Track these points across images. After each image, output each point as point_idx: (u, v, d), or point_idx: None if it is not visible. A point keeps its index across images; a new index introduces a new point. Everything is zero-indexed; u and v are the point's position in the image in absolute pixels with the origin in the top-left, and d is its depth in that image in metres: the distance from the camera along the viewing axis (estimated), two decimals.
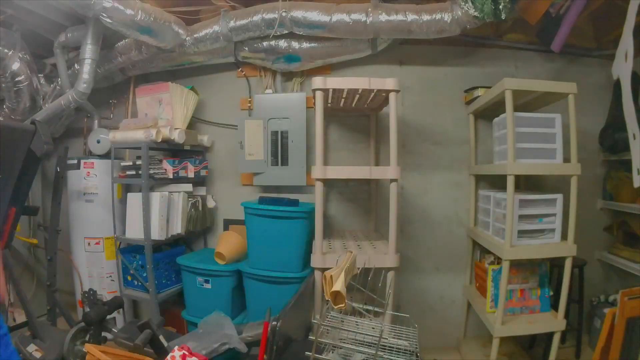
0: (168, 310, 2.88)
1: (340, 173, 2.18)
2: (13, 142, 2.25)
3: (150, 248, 2.55)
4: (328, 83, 2.11)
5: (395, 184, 2.10)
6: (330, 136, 2.96)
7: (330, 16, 2.46)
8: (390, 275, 2.11)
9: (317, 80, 2.11)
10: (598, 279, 2.83)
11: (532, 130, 2.21)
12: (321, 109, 2.10)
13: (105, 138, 2.87)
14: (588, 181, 2.70)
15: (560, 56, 2.75)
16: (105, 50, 2.80)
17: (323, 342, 1.51)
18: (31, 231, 3.28)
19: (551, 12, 2.36)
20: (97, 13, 2.24)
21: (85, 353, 1.68)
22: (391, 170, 2.10)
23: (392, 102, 2.11)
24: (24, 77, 2.68)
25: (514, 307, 2.34)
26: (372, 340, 1.51)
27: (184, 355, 1.57)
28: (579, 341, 2.60)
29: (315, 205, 2.13)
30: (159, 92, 2.76)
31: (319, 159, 2.09)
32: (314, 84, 2.12)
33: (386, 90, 2.13)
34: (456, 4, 2.33)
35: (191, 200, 2.84)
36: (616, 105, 2.61)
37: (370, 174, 2.15)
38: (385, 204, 2.23)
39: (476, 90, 2.66)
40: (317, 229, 2.12)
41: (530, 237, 2.24)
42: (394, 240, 2.11)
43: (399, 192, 2.79)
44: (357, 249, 2.25)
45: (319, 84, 2.10)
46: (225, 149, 3.12)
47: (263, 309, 2.23)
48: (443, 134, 2.90)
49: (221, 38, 2.65)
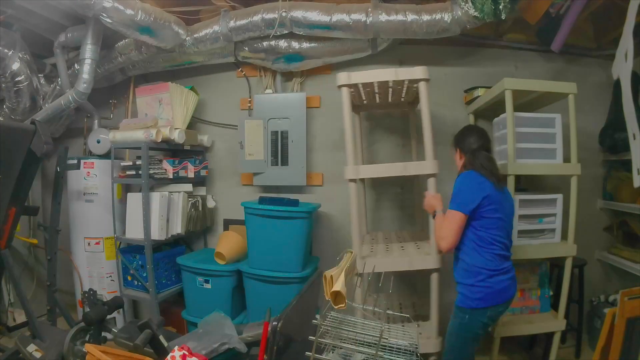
0: (168, 310, 2.88)
1: (373, 172, 2.09)
2: (13, 142, 2.25)
3: (150, 248, 2.55)
4: (352, 78, 2.01)
5: (433, 179, 1.97)
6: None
7: (330, 16, 2.46)
8: (434, 277, 2.02)
9: (342, 75, 2.02)
10: (598, 279, 2.83)
11: (532, 130, 2.21)
12: (348, 106, 2.00)
13: (105, 138, 2.87)
14: (588, 181, 2.70)
15: (560, 56, 2.75)
16: (105, 50, 2.81)
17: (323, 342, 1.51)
18: (31, 231, 3.28)
19: (551, 12, 2.36)
20: (97, 13, 2.24)
21: (85, 353, 1.68)
22: (428, 165, 1.97)
23: (422, 91, 1.97)
24: (24, 77, 2.68)
25: (514, 307, 2.34)
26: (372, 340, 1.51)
27: (184, 355, 1.57)
28: (579, 341, 2.60)
29: (351, 208, 2.02)
30: (159, 92, 2.75)
31: (350, 158, 2.00)
32: (339, 80, 2.03)
33: (415, 80, 2.00)
34: (456, 4, 2.33)
35: (191, 200, 2.84)
36: (616, 105, 2.61)
37: (405, 171, 2.02)
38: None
39: (476, 90, 2.66)
40: (353, 232, 2.02)
41: (530, 237, 2.24)
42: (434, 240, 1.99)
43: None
44: (400, 250, 2.17)
45: (344, 80, 2.01)
46: (225, 149, 3.12)
47: (263, 309, 2.23)
48: (443, 133, 2.90)
49: (221, 38, 2.65)
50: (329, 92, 2.95)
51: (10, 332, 2.74)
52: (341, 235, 2.94)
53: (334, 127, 2.96)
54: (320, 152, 2.97)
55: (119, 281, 2.77)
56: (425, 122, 1.99)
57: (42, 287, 3.10)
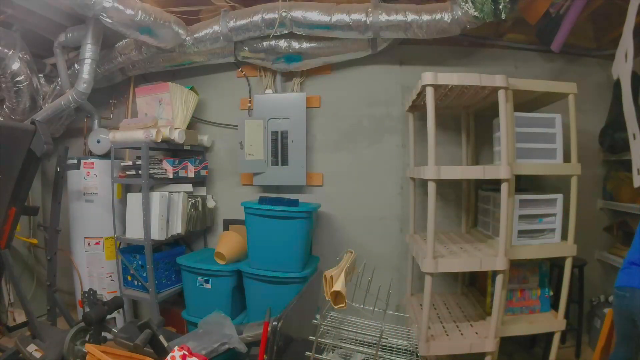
0: (168, 310, 2.88)
1: (453, 173, 2.09)
2: (13, 142, 2.25)
3: (150, 248, 2.55)
4: (439, 79, 2.01)
5: (506, 184, 2.01)
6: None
7: (330, 16, 2.46)
8: (500, 278, 2.04)
9: (427, 75, 2.00)
10: (598, 279, 2.83)
11: (532, 130, 2.21)
12: (432, 105, 2.00)
13: (105, 138, 2.87)
14: (588, 181, 2.70)
15: (560, 56, 2.75)
16: (105, 50, 2.81)
17: (323, 342, 1.51)
18: (31, 231, 3.28)
19: (551, 12, 2.36)
20: (97, 13, 2.24)
21: (85, 353, 1.68)
22: (503, 169, 2.00)
23: (501, 99, 2.02)
24: (24, 77, 2.68)
25: (514, 307, 2.34)
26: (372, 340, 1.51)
27: (184, 355, 1.57)
28: (579, 341, 2.60)
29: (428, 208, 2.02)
30: (159, 92, 2.75)
31: (432, 158, 1.99)
32: (424, 80, 2.01)
33: (495, 88, 2.05)
34: (456, 4, 2.33)
35: (191, 200, 2.84)
36: (616, 105, 2.61)
37: (484, 174, 2.05)
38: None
39: None
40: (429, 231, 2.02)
41: (530, 237, 2.24)
42: (504, 242, 2.01)
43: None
44: (461, 252, 2.20)
45: (430, 79, 2.00)
46: (225, 149, 3.12)
47: (263, 309, 2.23)
48: (443, 133, 2.90)
49: (221, 38, 2.65)
50: (329, 92, 2.95)
51: (10, 332, 2.74)
52: (341, 235, 2.94)
53: (333, 127, 2.96)
54: (320, 152, 2.97)
55: (119, 281, 2.77)
56: (503, 128, 2.02)
57: (42, 287, 3.10)
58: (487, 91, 2.17)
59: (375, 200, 2.92)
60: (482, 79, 2.04)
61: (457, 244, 2.41)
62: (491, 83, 2.04)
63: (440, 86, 2.09)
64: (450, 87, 2.13)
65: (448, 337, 2.12)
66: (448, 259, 2.05)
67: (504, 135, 2.02)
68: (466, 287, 2.84)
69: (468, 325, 2.27)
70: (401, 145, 2.89)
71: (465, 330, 2.20)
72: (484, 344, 2.05)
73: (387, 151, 2.91)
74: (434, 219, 2.03)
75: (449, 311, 2.49)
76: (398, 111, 2.88)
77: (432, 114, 2.00)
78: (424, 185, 2.82)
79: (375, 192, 2.92)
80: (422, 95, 2.17)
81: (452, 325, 2.27)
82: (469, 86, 2.09)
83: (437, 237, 2.55)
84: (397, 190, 2.90)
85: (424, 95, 2.09)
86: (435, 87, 2.04)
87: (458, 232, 2.82)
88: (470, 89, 2.16)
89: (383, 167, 2.91)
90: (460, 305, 2.58)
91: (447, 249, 2.27)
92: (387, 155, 2.91)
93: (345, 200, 2.94)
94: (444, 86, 2.10)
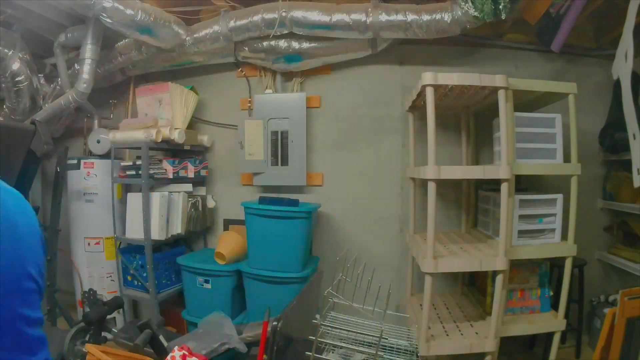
0: (168, 310, 2.88)
1: (453, 173, 2.09)
2: (13, 142, 2.25)
3: (150, 248, 2.55)
4: (439, 79, 2.01)
5: (506, 184, 2.00)
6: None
7: (330, 16, 2.46)
8: (500, 278, 2.03)
9: (427, 75, 2.00)
10: (598, 279, 2.83)
11: (532, 130, 2.21)
12: (432, 105, 1.99)
13: (105, 138, 2.87)
14: (588, 181, 2.70)
15: (560, 56, 2.75)
16: (105, 50, 2.81)
17: (323, 342, 1.51)
18: None
19: (551, 12, 2.36)
20: (97, 13, 2.24)
21: (85, 353, 1.68)
22: (503, 169, 2.00)
23: (501, 99, 2.02)
24: (24, 77, 2.68)
25: (514, 307, 2.34)
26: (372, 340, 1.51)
27: (184, 355, 1.57)
28: (579, 341, 2.61)
29: (428, 208, 2.01)
30: (159, 92, 2.76)
31: (432, 158, 1.99)
32: (424, 80, 2.01)
33: (495, 88, 2.05)
34: (456, 4, 2.33)
35: (191, 200, 2.84)
36: (616, 105, 2.61)
37: (484, 174, 2.05)
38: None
39: None
40: (429, 231, 2.01)
41: (530, 237, 2.24)
42: (504, 242, 2.01)
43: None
44: (461, 252, 2.20)
45: (430, 80, 2.00)
46: (225, 149, 3.12)
47: (263, 309, 2.22)
48: (443, 133, 2.90)
49: (221, 38, 2.65)
50: (329, 92, 2.95)
51: None
52: (341, 235, 2.94)
53: (333, 127, 2.96)
54: (320, 152, 2.97)
55: (119, 281, 2.77)
56: (502, 128, 2.01)
57: None
58: (487, 91, 2.17)
59: (375, 200, 2.92)
60: (482, 79, 2.04)
61: (457, 244, 2.41)
62: (491, 83, 2.04)
63: (440, 86, 2.09)
64: (450, 87, 2.13)
65: (448, 337, 2.12)
66: (448, 259, 2.05)
67: (504, 135, 2.02)
68: (466, 287, 2.83)
69: (468, 325, 2.27)
70: (401, 145, 2.89)
71: (465, 330, 2.20)
72: (484, 344, 2.05)
73: (387, 151, 2.91)
74: (434, 219, 2.02)
75: (449, 311, 2.48)
76: (398, 111, 2.88)
77: (432, 114, 2.00)
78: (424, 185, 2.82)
79: (375, 192, 2.92)
80: (422, 95, 2.17)
81: (452, 325, 2.27)
82: (469, 86, 2.09)
83: (437, 237, 2.55)
84: (397, 190, 2.90)
85: (424, 95, 2.09)
86: (435, 87, 2.04)
87: (458, 232, 2.82)
88: (470, 89, 2.15)
89: (383, 167, 2.91)
90: (460, 305, 2.58)
91: (447, 249, 2.27)
92: (387, 155, 2.91)
93: (345, 200, 2.94)
94: (444, 86, 2.10)
